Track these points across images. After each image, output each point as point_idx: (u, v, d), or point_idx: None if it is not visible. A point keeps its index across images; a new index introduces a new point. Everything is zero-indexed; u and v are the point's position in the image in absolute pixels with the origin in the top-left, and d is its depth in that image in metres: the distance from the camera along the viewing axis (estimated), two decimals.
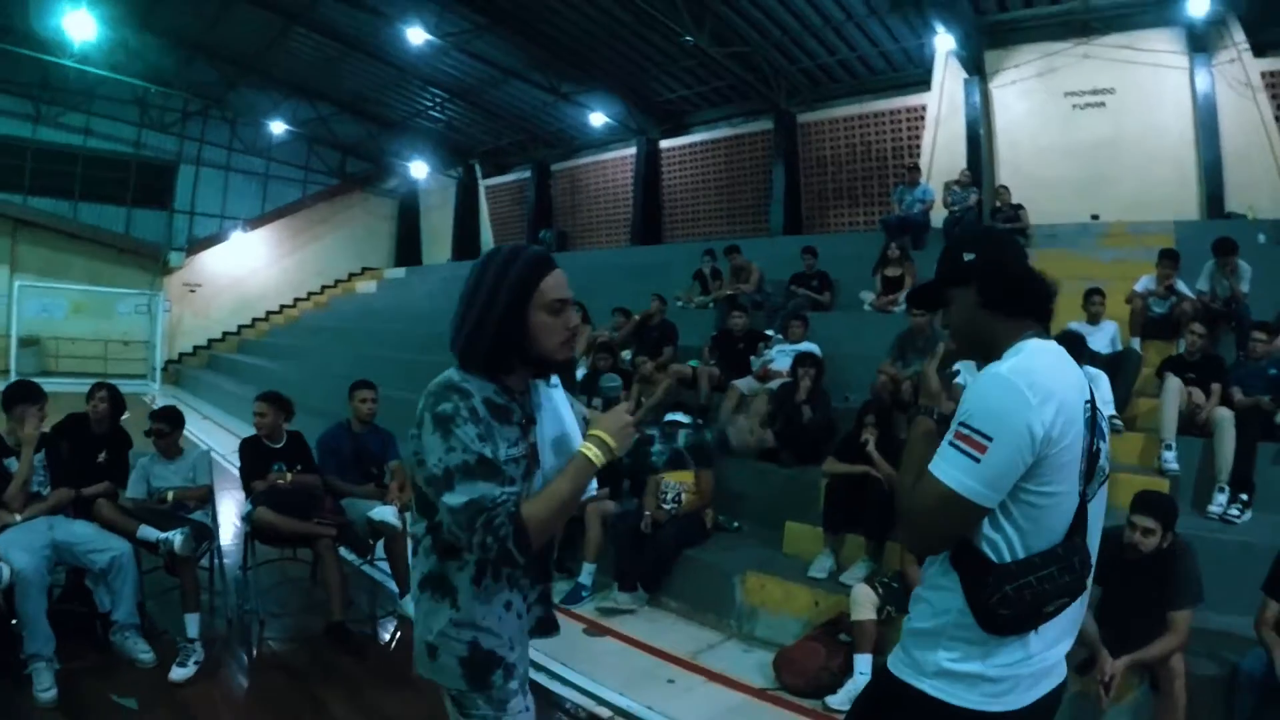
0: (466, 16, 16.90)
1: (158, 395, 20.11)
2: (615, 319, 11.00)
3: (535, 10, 16.44)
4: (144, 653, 4.77)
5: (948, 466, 1.83)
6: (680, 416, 6.92)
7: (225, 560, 5.98)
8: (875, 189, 16.16)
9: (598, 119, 20.14)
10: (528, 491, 2.00)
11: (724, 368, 8.92)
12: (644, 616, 6.03)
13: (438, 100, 23.15)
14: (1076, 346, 5.61)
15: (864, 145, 16.29)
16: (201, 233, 26.20)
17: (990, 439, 1.78)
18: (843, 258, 12.01)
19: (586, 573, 6.32)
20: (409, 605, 5.62)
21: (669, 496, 6.51)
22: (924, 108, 14.84)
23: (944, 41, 13.39)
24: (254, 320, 26.56)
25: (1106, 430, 2.03)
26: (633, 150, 20.96)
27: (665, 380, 8.48)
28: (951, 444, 1.84)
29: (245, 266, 26.34)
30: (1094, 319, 7.77)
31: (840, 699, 4.54)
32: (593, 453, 1.98)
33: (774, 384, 7.92)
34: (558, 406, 2.16)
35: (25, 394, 5.05)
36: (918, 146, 14.97)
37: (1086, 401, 1.92)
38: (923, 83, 14.76)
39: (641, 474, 6.76)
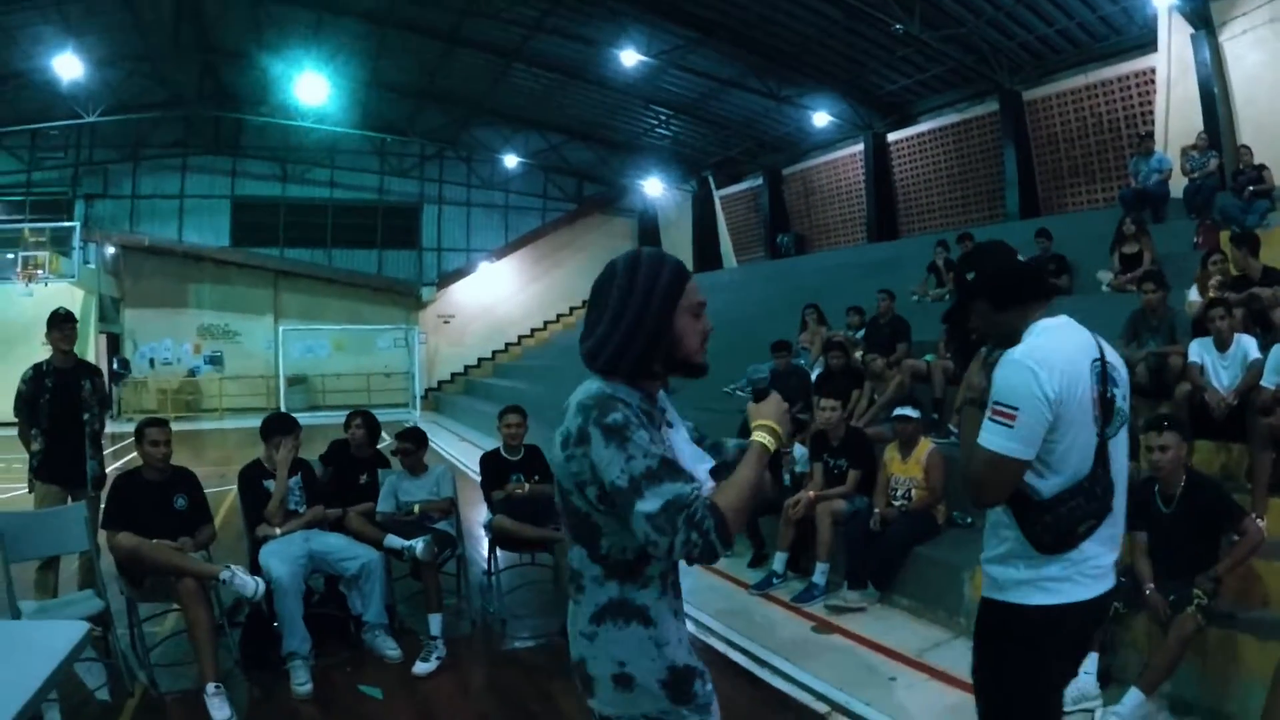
0: (676, 33, 18.28)
1: (418, 421, 22.68)
2: (850, 318, 11.52)
3: (743, 19, 17.53)
4: (391, 649, 5.48)
5: (991, 436, 2.51)
6: (909, 411, 6.96)
7: (471, 566, 6.73)
8: (1111, 162, 15.96)
9: (821, 119, 20.91)
10: None
11: (959, 360, 8.88)
12: (873, 614, 6.21)
13: (663, 117, 24.72)
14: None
15: (1094, 117, 16.10)
16: (449, 267, 29.35)
17: (1016, 409, 2.46)
18: (1081, 238, 12.03)
19: (820, 572, 6.61)
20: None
21: (899, 493, 6.74)
22: (1153, 70, 14.53)
23: None
24: (506, 345, 29.23)
25: (1122, 379, 2.70)
26: (860, 146, 21.56)
27: (896, 377, 8.85)
28: (990, 419, 2.52)
29: (494, 295, 29.10)
30: None
31: (1064, 699, 4.57)
32: (766, 440, 2.13)
33: None
34: (673, 411, 2.32)
35: (281, 426, 5.89)
36: (1151, 113, 14.67)
37: (1095, 360, 2.62)
38: (1149, 44, 14.45)
39: (870, 470, 7.01)
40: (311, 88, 20.66)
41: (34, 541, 5.32)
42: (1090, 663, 4.56)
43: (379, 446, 7.05)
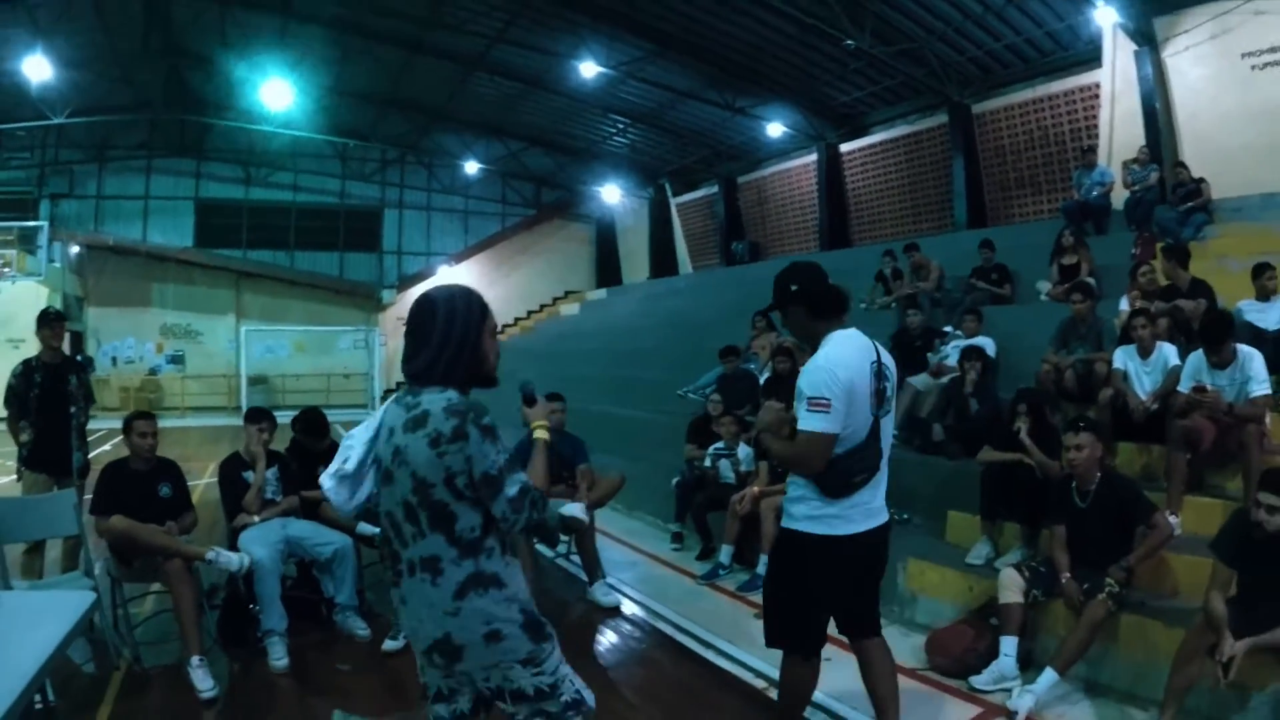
0: (634, 45, 18.27)
1: None
2: None
3: (700, 32, 17.59)
4: (361, 629, 5.75)
5: (815, 421, 3.34)
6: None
7: None
8: (1057, 174, 16.14)
9: (775, 129, 21.04)
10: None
11: (901, 366, 9.16)
12: None
13: (620, 126, 24.72)
14: (1219, 327, 5.90)
15: (1041, 130, 16.30)
16: (410, 270, 29.26)
17: (829, 399, 3.32)
18: (1026, 247, 12.13)
19: (763, 564, 6.73)
20: (597, 592, 6.70)
21: None
22: (1097, 85, 14.71)
23: (1107, 14, 13.24)
24: None
25: (891, 375, 3.56)
26: (814, 156, 21.64)
27: None
28: (809, 411, 3.34)
29: None
30: (1264, 295, 7.51)
31: (984, 680, 4.79)
32: (544, 435, 2.81)
33: (946, 379, 8.26)
34: None
35: (250, 416, 6.25)
36: (1095, 127, 14.85)
37: (872, 361, 3.47)
38: (1094, 60, 14.61)
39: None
40: (276, 93, 20.54)
41: (24, 525, 5.56)
42: (1010, 645, 4.85)
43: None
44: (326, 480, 2.69)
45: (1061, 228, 11.13)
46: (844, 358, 3.42)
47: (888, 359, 3.57)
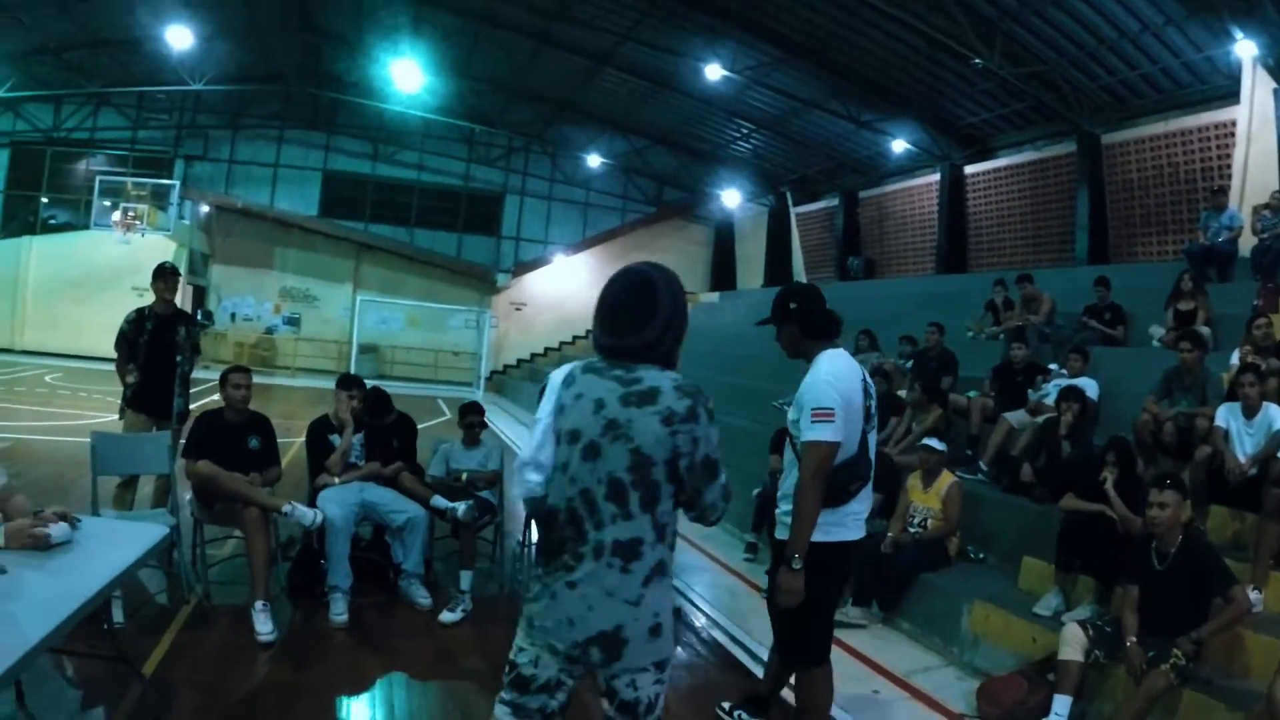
0: (762, 50, 18.22)
1: (480, 401, 23.14)
2: (902, 347, 11.41)
3: (826, 41, 17.39)
4: (423, 598, 5.93)
5: (821, 431, 3.58)
6: (934, 442, 7.04)
7: (507, 537, 7.12)
8: (1184, 214, 15.38)
9: (899, 145, 20.67)
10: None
11: (1000, 400, 8.98)
12: (874, 633, 6.34)
13: (744, 131, 24.67)
14: None
15: (1171, 167, 15.57)
16: (526, 256, 29.79)
17: (832, 409, 3.57)
18: (1145, 289, 11.62)
19: None
20: None
21: (915, 520, 6.84)
22: (1233, 123, 13.99)
23: (1247, 47, 12.63)
24: (574, 338, 29.39)
25: (874, 393, 3.87)
26: (936, 176, 21.19)
27: (936, 409, 8.73)
28: (814, 421, 3.58)
29: (567, 288, 29.23)
30: None
31: None
32: None
33: (1042, 419, 7.97)
34: None
35: (341, 382, 6.51)
36: (1228, 167, 14.14)
37: (860, 379, 3.77)
38: (1231, 95, 13.93)
39: (892, 496, 7.13)
40: (407, 74, 21.07)
41: (121, 460, 6.02)
42: (1062, 705, 4.60)
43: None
44: (531, 473, 2.46)
45: (1181, 271, 10.61)
46: (840, 372, 3.70)
47: (869, 380, 3.91)
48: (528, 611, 2.43)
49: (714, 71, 18.64)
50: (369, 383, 6.91)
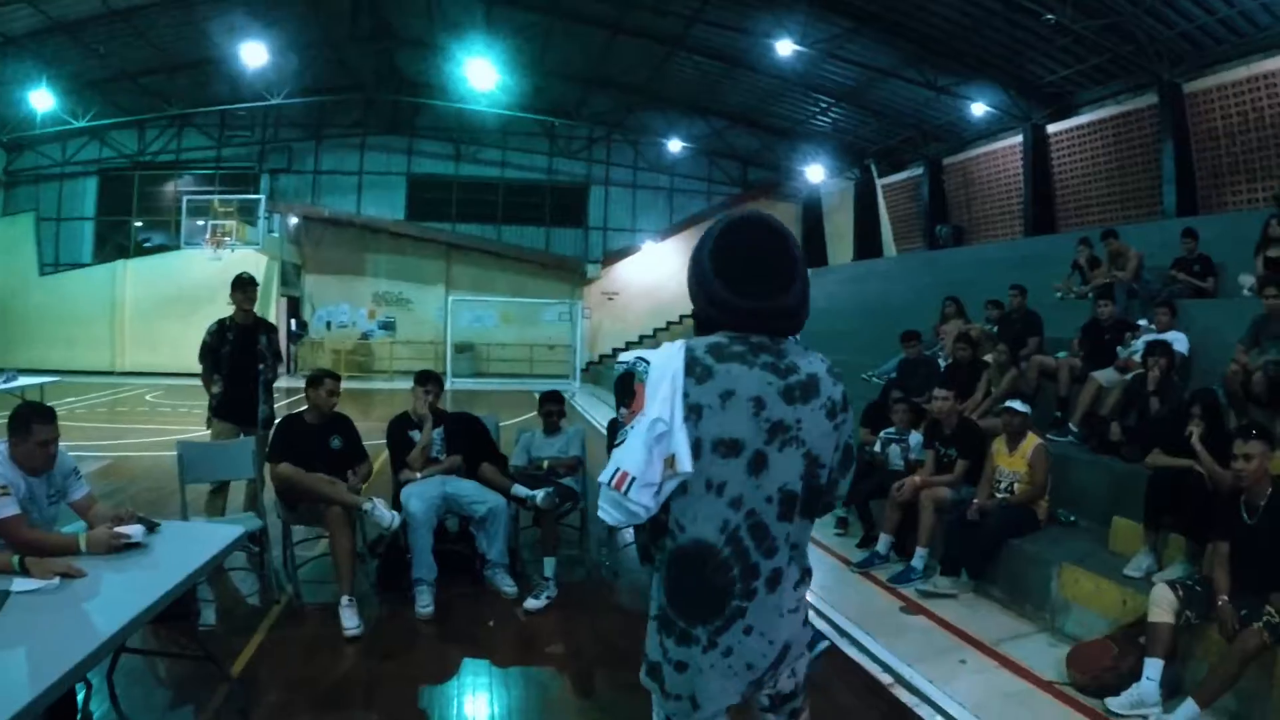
0: (831, 22, 18.23)
1: (576, 392, 23.48)
2: (989, 311, 11.33)
3: (899, 8, 17.39)
4: (508, 586, 6.01)
5: None
6: (1017, 404, 6.93)
7: (593, 522, 7.17)
8: (1273, 160, 15.01)
9: (979, 109, 20.48)
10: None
11: (1089, 359, 8.92)
12: (964, 602, 6.26)
13: (823, 105, 24.63)
14: None
15: (1256, 111, 15.18)
16: (614, 246, 30.12)
17: None
18: (1235, 238, 11.29)
19: (919, 556, 6.68)
20: None
21: (1002, 485, 6.73)
22: None
23: None
24: (668, 324, 29.50)
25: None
26: (1019, 138, 20.95)
27: (1011, 371, 8.68)
28: None
29: (658, 274, 29.38)
30: None
31: (1121, 702, 4.45)
32: None
33: (1130, 375, 7.78)
34: None
35: (418, 378, 6.59)
36: None
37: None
38: None
39: (979, 461, 7.04)
40: (482, 73, 21.50)
41: (209, 467, 6.30)
42: (1154, 668, 4.50)
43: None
44: (643, 495, 1.90)
45: (1269, 215, 10.32)
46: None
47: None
48: (668, 682, 2.02)
49: (785, 47, 18.72)
50: (462, 382, 7.08)
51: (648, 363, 1.95)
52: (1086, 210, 19.68)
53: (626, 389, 1.96)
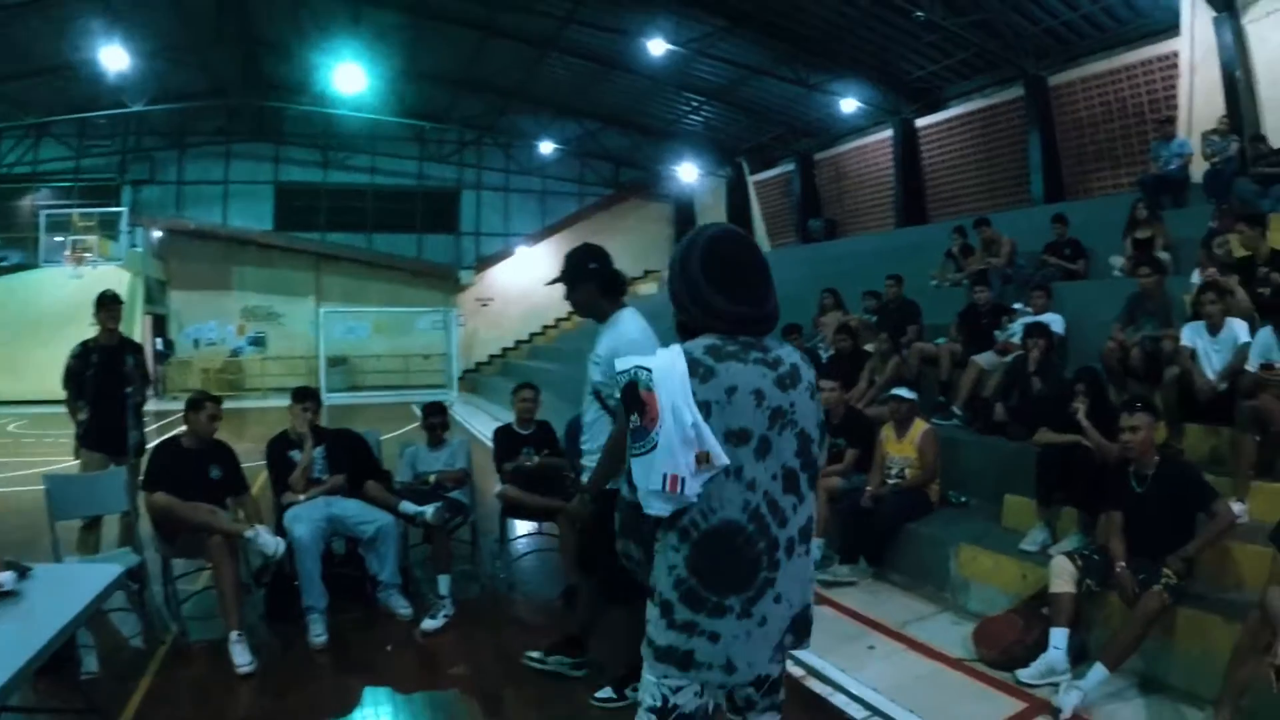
0: (704, 21, 18.27)
1: (455, 402, 22.89)
2: (866, 302, 11.51)
3: (770, 6, 17.50)
4: (403, 607, 5.82)
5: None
6: (903, 391, 7.07)
7: (484, 535, 7.17)
8: (1135, 146, 15.68)
9: (849, 105, 20.78)
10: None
11: (969, 344, 9.03)
12: (865, 588, 6.37)
13: (695, 104, 24.78)
14: None
15: (1118, 102, 15.87)
16: (488, 251, 29.80)
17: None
18: (1102, 223, 11.83)
19: (816, 547, 6.48)
20: None
21: (893, 472, 6.86)
22: (1175, 54, 14.25)
23: None
24: (544, 328, 29.50)
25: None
26: (889, 132, 21.44)
27: (894, 359, 8.92)
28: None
29: (532, 278, 28.56)
30: None
31: (1031, 673, 4.61)
32: None
33: (1010, 358, 8.09)
34: None
35: (296, 395, 6.33)
36: (1173, 97, 14.41)
37: (649, 334, 3.94)
38: (1171, 28, 14.16)
39: (868, 449, 7.14)
40: (351, 77, 20.89)
41: (79, 502, 5.84)
42: (1059, 637, 4.66)
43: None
44: (693, 489, 2.07)
45: (1134, 201, 10.80)
46: (646, 330, 3.97)
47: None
48: (698, 654, 2.12)
49: (658, 46, 18.69)
50: (337, 397, 6.75)
51: (648, 370, 2.07)
52: (956, 200, 20.28)
53: (635, 398, 2.06)
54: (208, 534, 5.24)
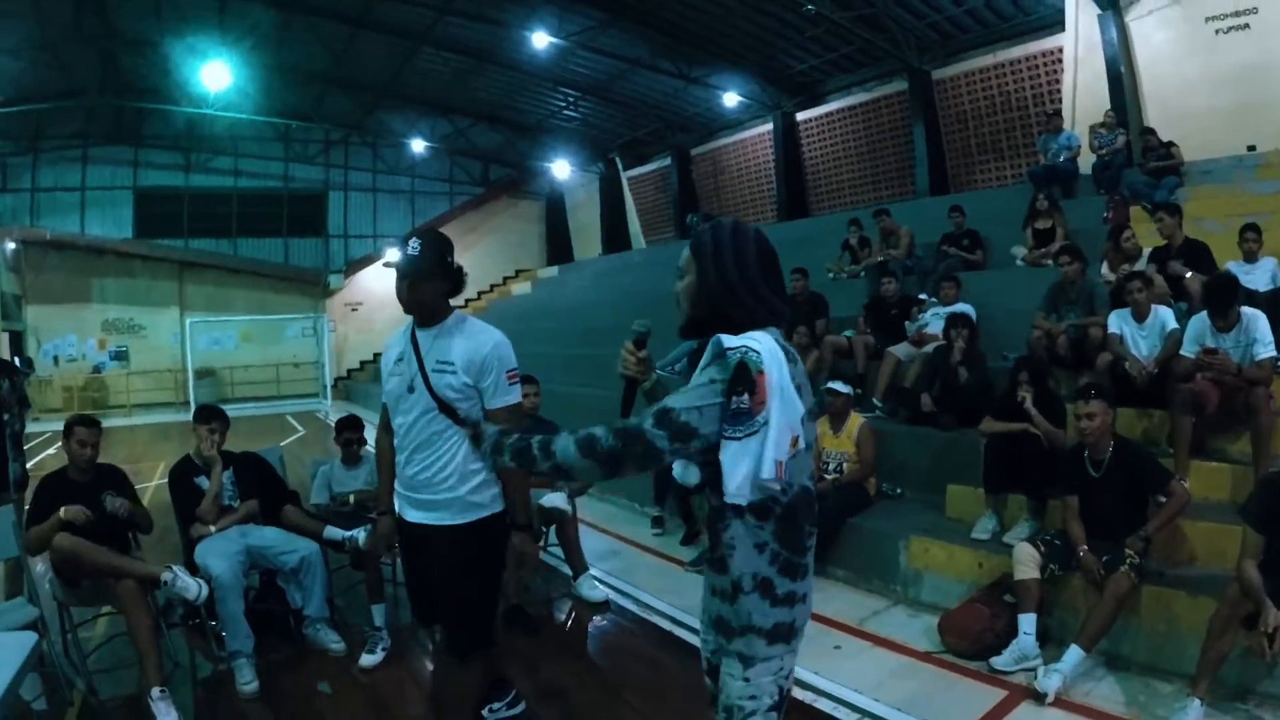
0: (587, 14, 18.02)
1: (330, 411, 22.30)
2: None
3: None
4: (335, 643, 5.39)
5: (518, 393, 3.58)
6: (839, 385, 7.09)
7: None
8: (1019, 140, 16.25)
9: (730, 99, 20.98)
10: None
11: (879, 336, 9.21)
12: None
13: (570, 99, 24.49)
14: (1227, 290, 5.87)
15: (1003, 96, 16.40)
16: (357, 254, 29.00)
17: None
18: (992, 214, 12.16)
19: None
20: (583, 587, 6.37)
21: (830, 467, 6.86)
22: (1060, 50, 14.81)
23: None
24: None
25: None
26: (769, 126, 21.70)
27: (815, 353, 9.05)
28: (512, 383, 3.51)
29: None
30: (1250, 257, 7.58)
31: (1005, 660, 4.72)
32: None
33: (930, 348, 8.18)
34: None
35: (199, 415, 5.76)
36: (1058, 92, 14.95)
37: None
38: (1056, 24, 14.70)
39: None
40: (215, 74, 19.92)
41: None
42: (1029, 623, 4.81)
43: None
44: (790, 469, 2.16)
45: (1034, 192, 11.11)
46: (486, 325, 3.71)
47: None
48: (798, 621, 2.27)
49: (540, 39, 18.45)
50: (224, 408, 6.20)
51: (757, 352, 2.05)
52: (839, 193, 20.67)
53: (746, 378, 2.03)
54: (117, 579, 4.70)
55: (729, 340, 2.09)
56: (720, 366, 2.05)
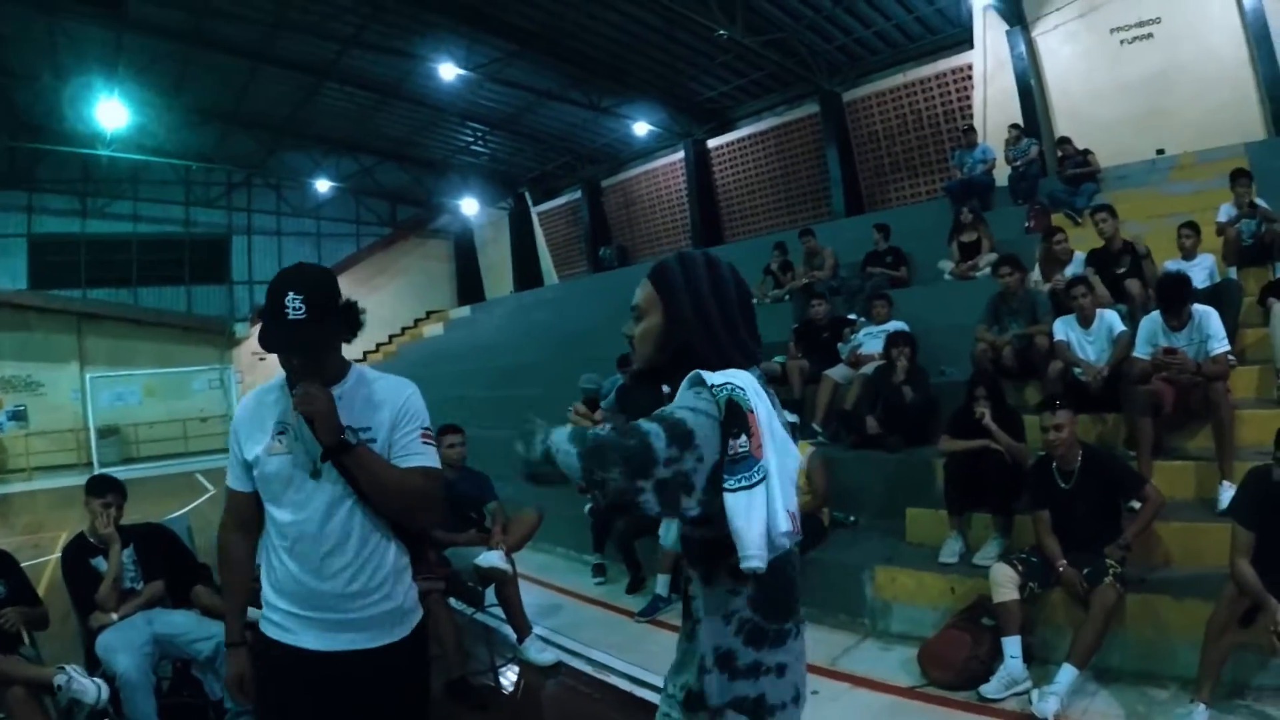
0: (495, 44, 17.76)
1: None
2: None
3: (562, 29, 17.21)
4: None
5: (436, 455, 2.75)
6: (787, 415, 6.78)
7: None
8: (933, 157, 16.50)
9: (640, 128, 20.98)
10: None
11: (811, 359, 8.95)
12: None
13: (478, 134, 24.29)
14: (1179, 288, 5.81)
15: (914, 114, 16.66)
16: (263, 301, 27.79)
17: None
18: (911, 230, 12.19)
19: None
20: (530, 650, 5.87)
21: None
22: (970, 67, 15.16)
23: None
24: None
25: None
26: (680, 155, 21.76)
27: None
28: (428, 443, 2.69)
29: None
30: (1188, 254, 7.66)
31: (995, 687, 4.52)
32: None
33: (868, 368, 7.98)
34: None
35: (92, 487, 5.09)
36: (969, 107, 15.28)
37: None
38: (964, 41, 15.05)
39: None
40: (111, 113, 19.19)
41: None
42: (1014, 646, 4.62)
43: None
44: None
45: (956, 207, 11.19)
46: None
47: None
48: (769, 695, 1.96)
49: (448, 71, 18.09)
50: (119, 471, 5.43)
51: (741, 388, 1.84)
52: (754, 218, 20.76)
53: (739, 418, 1.81)
54: (4, 685, 4.16)
55: (711, 377, 1.86)
56: (706, 400, 1.82)
